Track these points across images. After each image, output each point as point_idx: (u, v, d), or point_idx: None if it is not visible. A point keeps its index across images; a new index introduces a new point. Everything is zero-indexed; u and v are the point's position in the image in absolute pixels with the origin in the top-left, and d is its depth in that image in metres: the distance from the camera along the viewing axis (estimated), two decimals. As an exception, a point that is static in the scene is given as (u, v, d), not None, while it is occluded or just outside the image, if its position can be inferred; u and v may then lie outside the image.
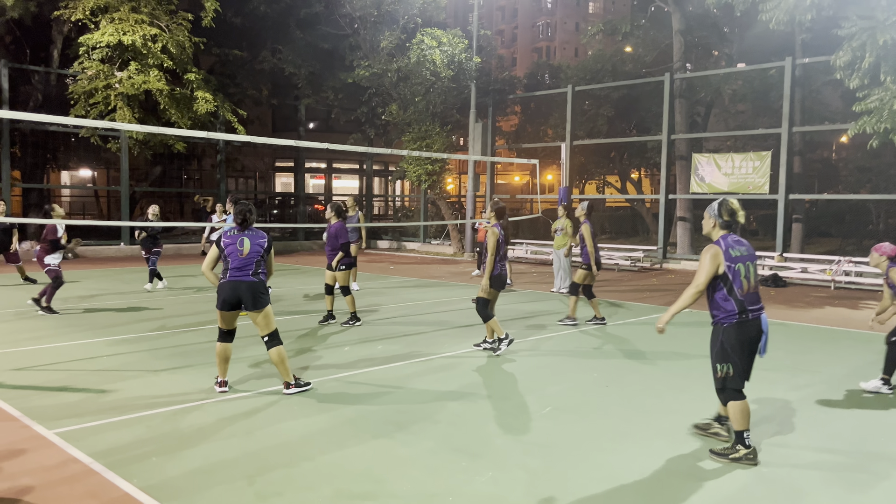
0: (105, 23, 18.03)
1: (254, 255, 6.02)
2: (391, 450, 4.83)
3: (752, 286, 4.71)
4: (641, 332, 9.51)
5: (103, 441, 4.88)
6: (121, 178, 21.17)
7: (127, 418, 5.40)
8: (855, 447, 5.05)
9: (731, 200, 4.81)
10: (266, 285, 6.17)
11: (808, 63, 17.65)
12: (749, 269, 4.70)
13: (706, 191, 18.58)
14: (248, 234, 6.09)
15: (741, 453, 4.65)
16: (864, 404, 6.15)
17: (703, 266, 4.69)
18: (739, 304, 4.65)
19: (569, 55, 66.82)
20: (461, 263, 19.87)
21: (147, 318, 9.91)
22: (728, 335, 4.67)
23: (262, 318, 6.05)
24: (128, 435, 5.02)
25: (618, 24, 25.73)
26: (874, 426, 5.54)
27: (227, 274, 6.01)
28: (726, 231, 4.77)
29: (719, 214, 4.76)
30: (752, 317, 4.67)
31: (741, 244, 4.75)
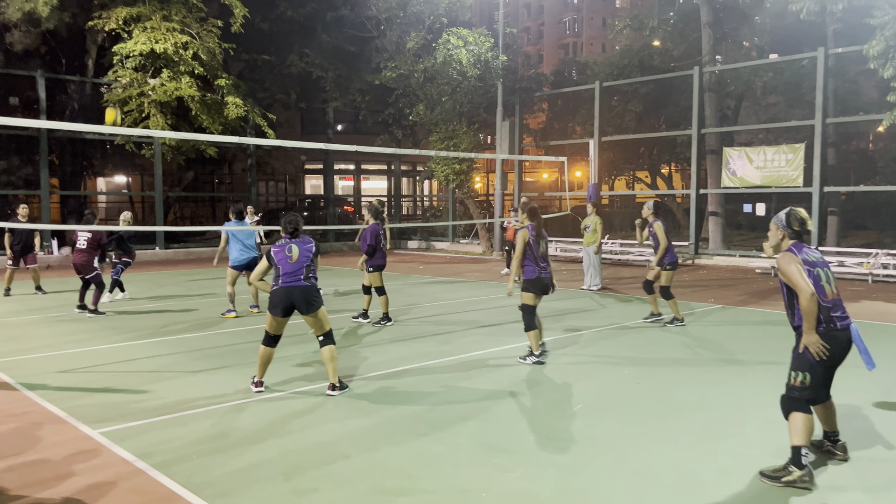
0: (138, 32, 18.41)
1: (303, 259, 6.20)
2: (424, 447, 4.91)
3: (835, 292, 4.41)
4: (673, 329, 9.45)
5: (146, 441, 5.03)
6: (155, 183, 21.60)
7: (168, 418, 5.56)
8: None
9: (799, 209, 4.52)
10: (318, 288, 6.31)
11: (840, 53, 17.34)
12: (828, 275, 4.42)
13: (738, 185, 18.36)
14: (296, 241, 6.29)
15: (795, 475, 4.22)
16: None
17: (793, 272, 4.27)
18: (824, 312, 4.32)
19: (596, 51, 66.34)
20: (490, 262, 19.90)
21: (183, 321, 10.13)
22: None
23: (316, 320, 6.23)
24: (169, 435, 5.17)
25: (645, 18, 25.51)
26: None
27: (280, 280, 6.16)
28: (796, 240, 4.48)
29: (788, 224, 4.46)
30: (839, 326, 4.34)
31: (813, 251, 4.51)
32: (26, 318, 10.37)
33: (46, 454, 4.80)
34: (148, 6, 18.96)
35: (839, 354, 4.36)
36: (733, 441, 4.99)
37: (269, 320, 6.23)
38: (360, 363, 7.43)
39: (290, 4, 22.93)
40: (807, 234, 4.53)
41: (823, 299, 4.31)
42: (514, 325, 9.73)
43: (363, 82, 23.92)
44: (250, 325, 9.68)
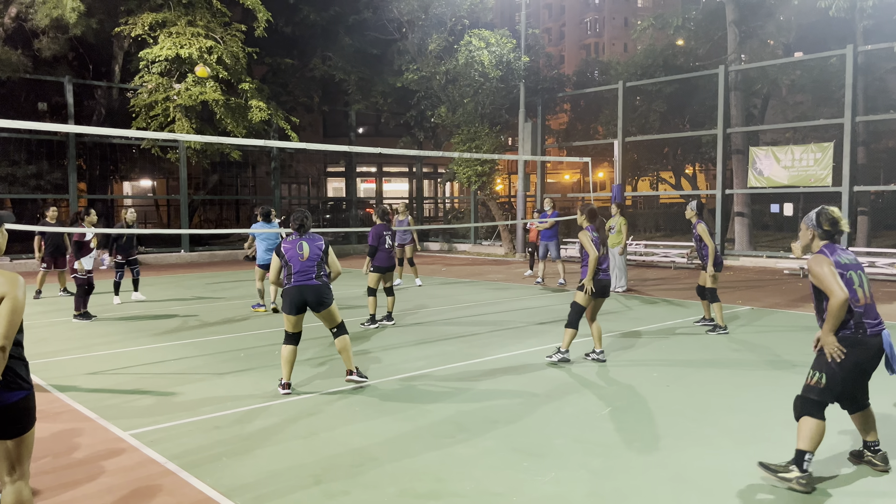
0: (163, 37, 18.62)
1: (314, 257, 6.28)
2: (453, 450, 4.87)
3: (868, 297, 4.24)
4: (701, 330, 9.32)
5: (176, 442, 5.06)
6: (180, 187, 21.82)
7: (197, 420, 5.58)
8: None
9: (832, 209, 4.34)
10: (329, 286, 6.39)
11: (870, 50, 17.02)
12: (862, 279, 4.25)
13: (765, 185, 18.10)
14: (306, 239, 6.37)
15: (793, 475, 4.16)
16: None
17: (825, 275, 4.10)
18: (856, 317, 4.15)
19: (618, 51, 65.90)
20: (513, 264, 19.83)
21: (209, 323, 10.20)
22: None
23: (328, 315, 6.37)
24: (199, 436, 5.19)
25: (669, 17, 25.29)
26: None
27: (292, 279, 6.23)
28: (828, 241, 4.32)
29: (818, 224, 4.31)
30: (870, 332, 4.16)
31: (846, 252, 4.33)
32: (55, 320, 10.51)
33: (79, 455, 4.84)
34: (173, 12, 19.17)
35: (868, 361, 4.18)
36: (766, 445, 4.89)
37: (286, 319, 6.31)
38: (385, 365, 7.41)
39: (312, 8, 23.06)
40: (839, 235, 4.35)
41: (855, 304, 4.16)
42: (539, 326, 9.68)
43: (385, 85, 23.97)
44: (275, 328, 9.71)
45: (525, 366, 7.38)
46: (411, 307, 11.52)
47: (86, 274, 10.33)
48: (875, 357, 4.21)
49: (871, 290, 4.32)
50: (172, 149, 20.84)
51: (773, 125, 25.16)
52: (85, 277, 10.33)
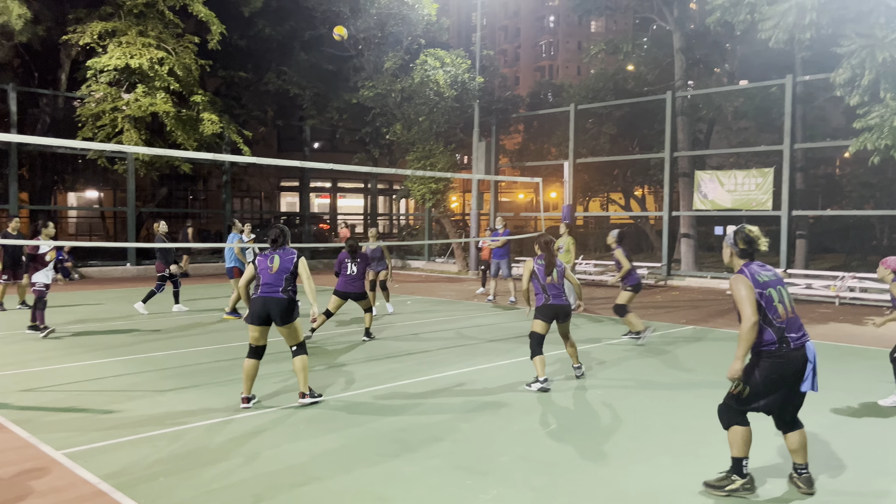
0: (113, 46, 18.29)
1: (283, 271, 6.35)
2: (397, 468, 4.86)
3: (790, 311, 4.39)
4: (646, 349, 9.52)
5: (111, 461, 4.92)
6: (127, 199, 21.34)
7: (134, 438, 5.44)
8: (858, 460, 5.05)
9: (749, 228, 4.52)
10: (296, 302, 6.43)
11: (808, 80, 17.76)
12: (782, 294, 4.39)
13: (709, 207, 18.62)
14: (279, 252, 6.46)
15: (737, 484, 4.39)
16: (876, 422, 6.16)
17: (741, 297, 4.30)
18: (778, 332, 4.31)
19: (571, 74, 67.22)
20: (465, 281, 19.92)
21: (153, 339, 9.97)
22: (763, 365, 4.32)
23: (289, 332, 6.41)
24: (135, 455, 5.06)
25: (619, 43, 25.94)
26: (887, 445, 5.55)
27: (259, 290, 6.35)
28: (747, 259, 4.50)
29: (734, 243, 4.51)
30: (793, 346, 4.31)
31: (766, 269, 4.47)
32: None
33: (5, 474, 4.66)
34: (123, 21, 18.86)
35: (793, 375, 4.32)
36: (706, 462, 5.01)
37: (250, 331, 6.37)
38: (333, 382, 7.36)
39: (268, 22, 22.95)
40: (757, 253, 4.51)
41: (777, 320, 4.31)
42: (489, 344, 9.75)
43: (341, 101, 23.95)
44: (220, 344, 9.56)
45: (473, 383, 7.41)
46: (362, 323, 11.47)
47: (43, 287, 10.06)
48: (798, 370, 4.33)
49: (792, 305, 4.45)
50: (120, 160, 20.40)
51: (718, 150, 26.01)
52: (43, 290, 10.07)
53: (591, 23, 73.70)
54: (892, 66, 12.57)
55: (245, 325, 11.09)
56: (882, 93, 12.89)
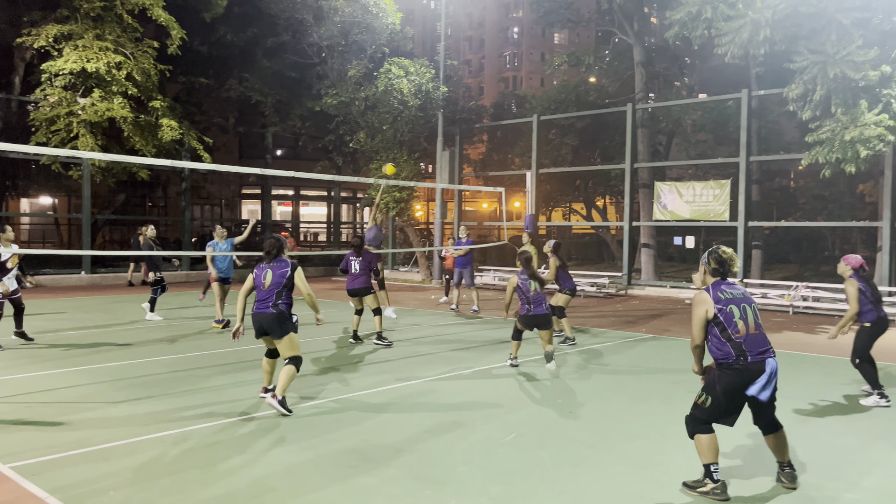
0: (68, 50, 17.89)
1: (274, 286, 6.50)
2: (355, 480, 4.82)
3: (752, 328, 4.58)
4: (606, 357, 9.61)
5: (60, 475, 4.78)
6: (82, 205, 20.86)
7: (85, 451, 5.30)
8: (808, 466, 5.17)
9: (723, 249, 4.78)
10: (289, 315, 6.53)
11: (763, 95, 18.23)
12: (745, 312, 4.59)
13: (669, 218, 18.95)
14: (273, 266, 6.59)
15: (708, 487, 4.59)
16: (827, 428, 6.31)
17: (693, 316, 4.66)
18: (736, 347, 4.52)
19: (535, 85, 67.91)
20: (429, 290, 19.90)
21: (107, 349, 9.73)
22: (722, 376, 4.57)
23: (283, 346, 6.53)
24: (85, 469, 4.92)
25: (581, 55, 26.32)
26: (836, 450, 5.68)
27: (254, 306, 6.59)
28: (718, 278, 4.74)
29: (707, 262, 4.78)
30: (751, 360, 4.51)
31: (733, 287, 4.70)
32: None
33: (-51, 491, 4.50)
34: (80, 24, 18.47)
35: (744, 386, 4.51)
36: (662, 470, 5.08)
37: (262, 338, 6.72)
38: (292, 392, 7.26)
39: (229, 28, 22.70)
40: (728, 273, 4.72)
41: (736, 335, 4.54)
42: (451, 353, 9.74)
43: (304, 108, 23.79)
44: (179, 354, 9.38)
45: (434, 393, 7.40)
46: (325, 332, 11.37)
47: (11, 294, 9.80)
48: (752, 382, 4.51)
49: (757, 322, 4.62)
50: (75, 166, 19.94)
51: (677, 162, 26.50)
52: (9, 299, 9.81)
53: (554, 35, 74.68)
54: (843, 82, 12.99)
55: (209, 334, 10.93)
56: (833, 108, 13.30)
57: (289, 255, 7.69)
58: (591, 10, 25.95)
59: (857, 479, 4.99)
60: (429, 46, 38.77)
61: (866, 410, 6.92)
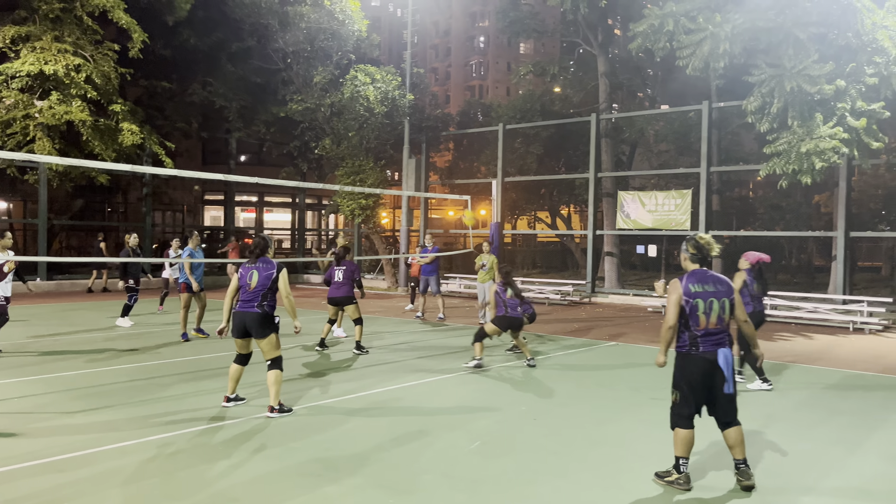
0: (26, 52, 17.47)
1: (260, 287, 6.55)
2: (318, 489, 4.77)
3: (713, 322, 4.79)
4: (570, 365, 9.68)
5: (13, 488, 4.64)
6: (39, 210, 20.35)
7: (38, 463, 5.15)
8: (765, 472, 5.27)
9: (700, 235, 5.01)
10: (273, 316, 6.61)
11: (723, 107, 18.64)
12: (711, 306, 4.78)
13: (632, 227, 19.21)
14: (259, 267, 6.62)
15: (673, 477, 4.89)
16: (784, 434, 6.44)
17: (669, 301, 4.85)
18: (692, 338, 4.82)
19: (501, 94, 68.36)
20: (395, 298, 19.84)
21: (64, 357, 9.48)
22: (678, 364, 4.90)
23: (265, 345, 6.61)
24: (38, 480, 4.78)
25: (546, 65, 26.59)
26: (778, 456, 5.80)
27: (238, 305, 6.62)
28: (697, 266, 4.94)
29: (686, 248, 5.00)
30: (702, 349, 4.78)
31: (708, 281, 4.85)
32: None
33: None
34: (38, 26, 18.05)
35: (704, 374, 4.79)
36: (626, 476, 5.13)
37: (235, 341, 6.71)
38: (252, 402, 7.16)
39: (193, 32, 22.40)
40: (707, 258, 4.94)
41: (696, 328, 4.80)
42: (416, 361, 9.71)
43: (269, 114, 23.59)
44: (139, 363, 9.18)
45: (397, 400, 7.36)
46: (289, 341, 11.25)
47: (4, 301, 9.53)
48: (706, 373, 4.80)
49: (721, 317, 4.81)
50: (32, 170, 19.45)
51: (640, 171, 26.91)
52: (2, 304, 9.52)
53: (520, 45, 75.35)
54: (799, 95, 13.35)
55: (169, 343, 10.72)
56: (790, 120, 13.64)
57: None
58: (557, 21, 26.29)
59: (814, 483, 5.10)
60: (395, 54, 38.83)
61: (823, 416, 7.07)
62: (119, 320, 12.65)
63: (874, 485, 5.09)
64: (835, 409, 7.37)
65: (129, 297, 12.63)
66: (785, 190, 15.84)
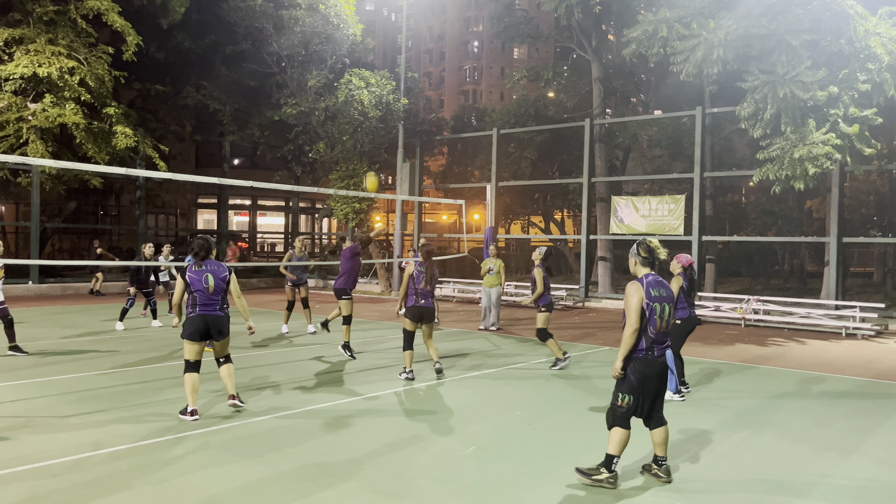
0: (20, 54, 17.43)
1: (218, 290, 6.63)
2: (313, 494, 4.75)
3: (664, 326, 5.01)
4: (564, 371, 9.68)
5: (5, 492, 4.60)
6: (31, 213, 20.24)
7: (32, 468, 5.11)
8: (759, 476, 5.28)
9: (650, 240, 5.15)
10: (228, 317, 6.75)
11: (716, 112, 18.73)
12: (665, 310, 4.99)
13: (625, 232, 19.26)
14: (211, 270, 6.61)
15: (603, 476, 4.95)
16: (777, 439, 6.45)
17: (630, 304, 4.92)
18: (649, 341, 4.94)
19: (495, 98, 68.54)
20: (388, 302, 19.82)
21: (56, 361, 9.43)
22: (635, 368, 4.96)
23: (223, 344, 6.81)
24: (31, 485, 4.75)
25: (540, 70, 26.66)
26: (780, 456, 5.82)
27: (198, 308, 6.57)
28: (648, 269, 5.07)
29: (637, 252, 5.10)
30: (657, 353, 4.97)
31: (661, 286, 5.04)
32: None
33: None
34: (32, 28, 18.01)
35: (657, 377, 4.98)
36: (620, 481, 5.12)
37: (188, 347, 6.59)
38: (247, 405, 7.14)
39: (187, 35, 22.38)
40: (656, 262, 5.08)
41: (652, 331, 4.94)
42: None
43: (263, 117, 23.57)
44: (131, 367, 9.14)
45: (392, 405, 7.35)
46: (283, 344, 11.23)
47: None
48: (662, 374, 5.01)
49: (668, 320, 5.02)
50: (24, 172, 19.37)
51: (633, 177, 26.98)
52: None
53: (514, 50, 75.53)
54: (792, 102, 13.42)
55: (163, 348, 10.67)
56: (783, 126, 13.72)
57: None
58: (551, 27, 26.44)
59: (808, 488, 5.11)
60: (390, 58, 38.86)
61: (816, 421, 7.10)
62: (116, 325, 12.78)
63: (868, 489, 5.11)
64: (828, 413, 7.40)
65: (127, 300, 12.85)
66: (778, 195, 15.93)
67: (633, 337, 4.90)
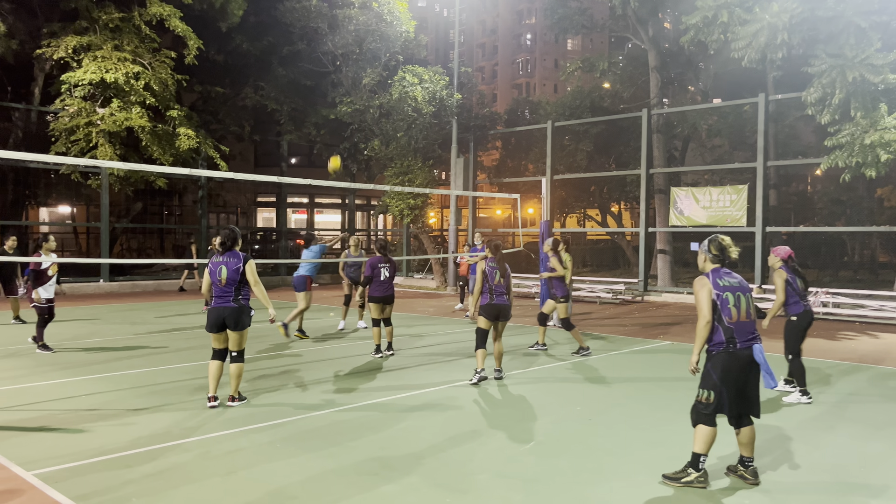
0: (87, 61, 18.11)
1: (231, 282, 6.68)
2: (375, 487, 4.81)
3: (743, 316, 4.82)
4: (625, 364, 9.55)
5: (83, 483, 4.81)
6: (101, 214, 21.06)
7: (106, 459, 5.32)
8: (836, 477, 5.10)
9: (722, 237, 5.02)
10: (248, 308, 6.80)
11: (780, 99, 18.11)
12: (739, 300, 4.83)
13: (685, 224, 18.82)
14: (225, 261, 6.70)
15: (692, 476, 4.81)
16: (852, 435, 6.22)
17: (700, 298, 4.85)
18: (727, 332, 4.77)
19: (548, 91, 67.87)
20: (444, 297, 19.88)
21: (127, 356, 9.80)
22: (715, 363, 4.80)
23: (237, 336, 6.82)
24: (107, 476, 4.95)
25: (595, 61, 26.26)
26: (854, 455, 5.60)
27: (213, 301, 6.77)
28: (718, 265, 4.96)
29: (708, 250, 4.99)
30: (740, 346, 4.76)
31: (731, 276, 4.93)
32: (-42, 354, 9.89)
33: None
34: (99, 35, 18.70)
35: (740, 371, 4.77)
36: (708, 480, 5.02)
37: (211, 336, 6.88)
38: (308, 400, 7.27)
39: (245, 38, 22.89)
40: (727, 259, 4.94)
41: (728, 321, 4.78)
42: (467, 360, 9.69)
43: (319, 116, 23.91)
44: (198, 361, 9.42)
45: (451, 399, 7.37)
46: (341, 339, 11.39)
47: (45, 303, 10.00)
48: (746, 369, 4.78)
49: (748, 311, 4.83)
50: (94, 175, 20.15)
51: (693, 167, 26.32)
52: (44, 306, 10.01)
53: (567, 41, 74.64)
54: (861, 86, 12.88)
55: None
56: (852, 111, 13.18)
57: None
58: (605, 16, 25.91)
59: (884, 487, 4.91)
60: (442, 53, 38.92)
61: (892, 418, 6.81)
62: None
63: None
64: (905, 411, 7.08)
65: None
66: (846, 184, 15.31)
67: (706, 329, 4.80)
